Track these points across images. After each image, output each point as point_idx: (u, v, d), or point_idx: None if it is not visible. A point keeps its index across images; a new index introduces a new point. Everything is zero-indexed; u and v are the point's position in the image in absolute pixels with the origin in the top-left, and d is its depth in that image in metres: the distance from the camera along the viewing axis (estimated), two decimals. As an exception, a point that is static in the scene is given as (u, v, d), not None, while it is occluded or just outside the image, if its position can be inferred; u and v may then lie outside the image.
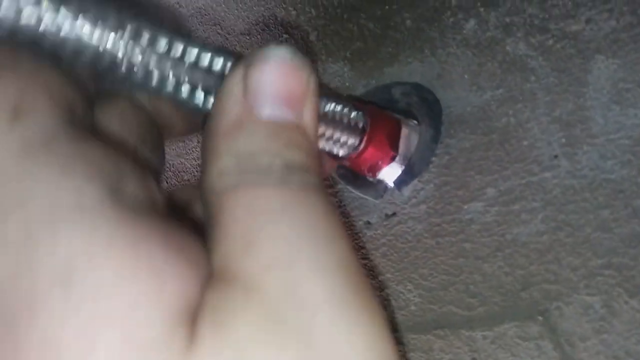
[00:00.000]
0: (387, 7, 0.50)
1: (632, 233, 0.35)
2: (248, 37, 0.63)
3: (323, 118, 0.32)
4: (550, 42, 0.40)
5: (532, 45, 0.40)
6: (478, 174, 0.42)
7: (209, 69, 0.23)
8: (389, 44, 0.49)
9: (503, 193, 0.41)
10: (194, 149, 0.64)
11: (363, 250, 0.49)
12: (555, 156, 0.39)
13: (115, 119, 0.23)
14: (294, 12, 0.58)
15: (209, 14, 0.69)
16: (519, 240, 0.40)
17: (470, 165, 0.43)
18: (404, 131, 0.43)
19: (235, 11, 0.65)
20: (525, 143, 0.40)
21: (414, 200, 0.46)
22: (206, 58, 0.23)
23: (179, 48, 0.22)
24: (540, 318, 0.38)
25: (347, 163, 0.42)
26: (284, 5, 0.59)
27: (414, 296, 0.45)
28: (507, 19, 0.42)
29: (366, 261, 0.49)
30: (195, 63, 0.23)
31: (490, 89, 0.42)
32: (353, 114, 0.36)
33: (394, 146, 0.43)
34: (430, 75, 0.46)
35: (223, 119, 0.20)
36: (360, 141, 0.39)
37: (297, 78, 0.21)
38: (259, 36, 0.62)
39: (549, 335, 0.38)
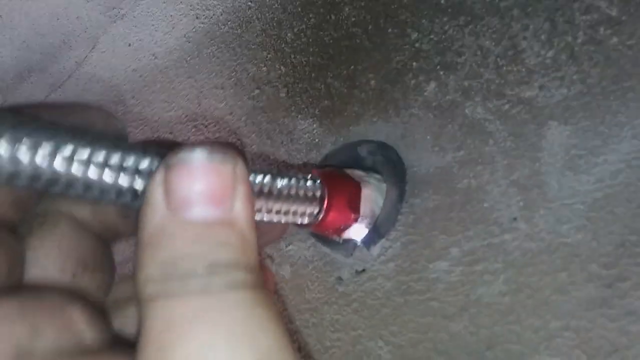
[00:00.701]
0: (352, 67, 0.51)
1: (588, 296, 0.36)
2: (222, 91, 0.64)
3: (278, 194, 0.33)
4: (507, 106, 0.41)
5: (489, 110, 0.42)
6: (442, 233, 0.43)
7: (139, 170, 0.22)
8: (355, 102, 0.51)
9: (466, 253, 0.42)
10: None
11: (335, 306, 0.50)
12: (515, 219, 0.40)
13: (53, 248, 0.23)
14: (264, 69, 0.59)
15: (183, 67, 0.70)
16: (482, 301, 0.41)
17: (435, 225, 0.44)
18: (365, 192, 0.44)
19: (209, 65, 0.66)
20: (485, 205, 0.41)
21: (382, 258, 0.47)
22: (137, 160, 0.22)
23: (114, 156, 0.22)
24: (504, 379, 0.39)
25: (310, 229, 0.43)
26: (255, 62, 0.60)
27: (385, 353, 0.46)
28: (466, 83, 0.43)
29: (339, 316, 0.50)
30: (127, 166, 0.22)
31: (452, 151, 0.43)
32: (309, 184, 0.37)
33: (356, 209, 0.44)
34: (395, 135, 0.47)
35: (146, 226, 0.20)
36: (320, 210, 0.39)
37: (218, 174, 0.20)
38: (231, 90, 0.63)
39: (514, 394, 0.39)
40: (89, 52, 0.81)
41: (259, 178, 0.32)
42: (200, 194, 0.20)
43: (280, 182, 0.33)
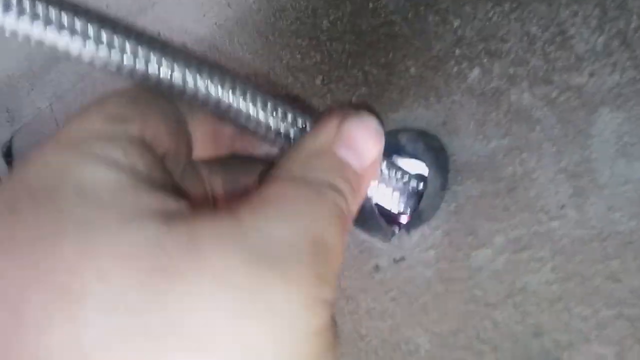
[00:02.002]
0: (390, 54, 0.51)
1: (642, 284, 0.36)
2: (254, 79, 0.64)
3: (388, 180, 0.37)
4: (555, 93, 0.40)
5: (536, 96, 0.41)
6: (486, 221, 0.43)
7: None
8: (394, 90, 0.50)
9: (511, 241, 0.41)
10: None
11: (372, 294, 0.50)
12: (563, 206, 0.39)
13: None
14: (298, 56, 0.59)
15: (215, 54, 0.70)
16: (528, 289, 0.40)
17: (478, 213, 0.44)
18: None
19: (240, 53, 0.66)
20: (532, 193, 0.41)
21: (422, 246, 0.47)
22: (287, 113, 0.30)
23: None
24: (552, 367, 0.39)
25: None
26: (288, 49, 0.60)
27: (424, 341, 0.46)
28: (511, 70, 0.43)
29: (375, 305, 0.50)
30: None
31: (496, 138, 0.43)
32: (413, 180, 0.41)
33: None
34: (436, 122, 0.47)
35: (315, 141, 0.27)
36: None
37: (375, 144, 0.28)
38: (264, 78, 0.63)
39: (561, 383, 0.38)
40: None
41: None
42: (357, 145, 0.27)
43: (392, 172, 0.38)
